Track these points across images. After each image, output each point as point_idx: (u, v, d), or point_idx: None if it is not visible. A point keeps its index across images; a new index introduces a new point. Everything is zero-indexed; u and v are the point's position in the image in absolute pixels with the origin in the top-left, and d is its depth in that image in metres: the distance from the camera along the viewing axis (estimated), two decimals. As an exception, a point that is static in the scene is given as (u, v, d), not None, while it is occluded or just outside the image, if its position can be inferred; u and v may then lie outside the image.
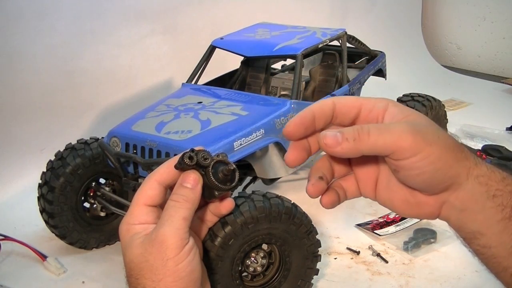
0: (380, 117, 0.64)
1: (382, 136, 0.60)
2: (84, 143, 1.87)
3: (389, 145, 0.59)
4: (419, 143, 0.59)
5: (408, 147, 0.59)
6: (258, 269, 1.49)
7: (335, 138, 0.61)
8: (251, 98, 1.97)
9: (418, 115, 0.63)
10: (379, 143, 0.59)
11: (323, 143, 0.61)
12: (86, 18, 2.63)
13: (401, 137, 0.59)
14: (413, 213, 0.67)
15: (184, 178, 0.70)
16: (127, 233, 0.70)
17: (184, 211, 0.68)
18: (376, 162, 0.68)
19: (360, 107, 0.65)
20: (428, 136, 0.60)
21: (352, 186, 0.71)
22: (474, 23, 4.25)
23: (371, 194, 0.70)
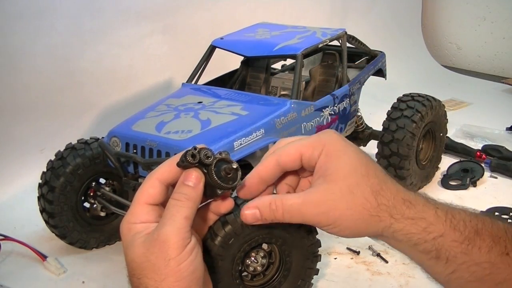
0: (316, 164, 0.71)
1: (293, 218, 0.69)
2: (84, 143, 1.87)
3: (301, 222, 0.69)
4: (323, 221, 0.68)
5: (316, 224, 0.70)
6: (258, 269, 1.49)
7: (254, 216, 0.71)
8: (251, 98, 1.97)
9: (339, 173, 0.69)
10: (292, 221, 0.69)
11: (243, 217, 0.71)
12: (86, 18, 2.62)
13: (308, 220, 0.69)
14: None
15: (186, 176, 0.70)
16: (128, 232, 0.70)
17: (186, 210, 0.68)
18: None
19: (301, 159, 0.72)
20: (334, 213, 0.67)
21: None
22: (474, 23, 4.25)
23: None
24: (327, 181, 0.68)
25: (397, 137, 2.14)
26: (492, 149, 2.65)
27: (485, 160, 2.56)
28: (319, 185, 0.68)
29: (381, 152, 2.19)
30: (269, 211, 0.69)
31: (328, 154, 0.70)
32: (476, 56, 4.28)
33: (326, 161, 0.69)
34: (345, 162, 0.69)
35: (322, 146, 0.70)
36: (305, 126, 1.95)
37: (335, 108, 2.10)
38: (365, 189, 0.68)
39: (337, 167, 0.69)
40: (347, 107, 2.19)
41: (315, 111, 1.99)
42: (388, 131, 2.18)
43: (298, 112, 1.91)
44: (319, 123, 2.02)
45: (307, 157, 0.71)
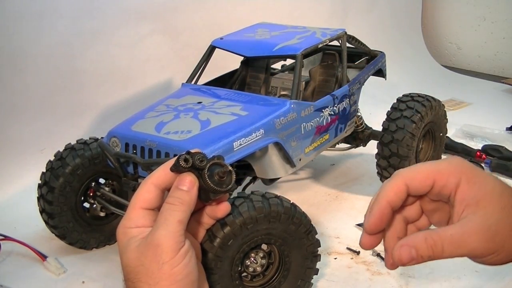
0: (452, 194, 0.65)
1: (456, 251, 0.62)
2: (83, 143, 1.87)
3: (464, 255, 0.63)
4: (490, 248, 0.62)
5: (480, 254, 0.63)
6: (258, 269, 1.49)
7: (410, 255, 0.62)
8: (251, 98, 1.96)
9: (491, 197, 0.64)
10: (453, 256, 0.62)
11: (397, 259, 0.63)
12: (86, 18, 2.62)
13: (474, 249, 0.62)
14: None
15: (180, 181, 0.70)
16: (123, 237, 0.70)
17: (180, 214, 0.68)
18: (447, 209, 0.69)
19: (433, 185, 0.66)
20: (500, 237, 0.62)
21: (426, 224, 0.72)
22: (474, 23, 4.25)
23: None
24: (480, 208, 0.63)
25: (397, 137, 2.14)
26: (492, 149, 2.65)
27: (485, 160, 2.56)
28: (473, 215, 0.63)
29: (381, 152, 2.19)
30: (426, 247, 0.62)
31: (470, 181, 0.65)
32: (476, 56, 4.28)
33: (471, 189, 0.64)
34: (491, 185, 0.65)
35: (460, 173, 0.65)
36: (305, 126, 1.95)
37: (335, 108, 2.10)
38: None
39: (486, 192, 0.64)
40: (347, 107, 2.19)
41: (315, 111, 1.99)
42: (387, 131, 2.18)
43: (298, 112, 1.91)
44: (318, 123, 2.02)
45: (441, 185, 0.65)
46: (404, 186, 0.66)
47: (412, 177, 0.66)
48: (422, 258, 0.62)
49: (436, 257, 0.62)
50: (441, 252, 0.62)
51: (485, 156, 2.59)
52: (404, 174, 0.67)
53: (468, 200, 0.64)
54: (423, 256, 0.62)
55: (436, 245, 0.61)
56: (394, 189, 0.66)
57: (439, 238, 0.62)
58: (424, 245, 0.62)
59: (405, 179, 0.66)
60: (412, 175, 0.67)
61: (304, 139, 1.96)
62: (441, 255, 0.62)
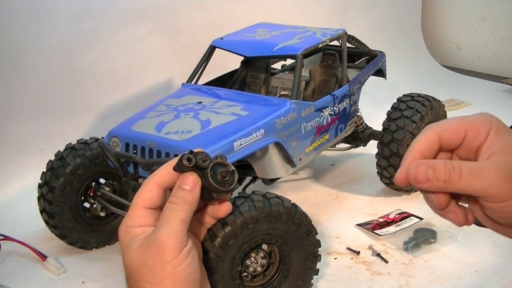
0: (482, 144, 0.64)
1: (473, 182, 0.60)
2: (84, 143, 1.87)
3: (479, 191, 0.60)
4: (510, 190, 0.59)
5: (498, 195, 0.59)
6: (258, 269, 1.49)
7: (426, 174, 0.60)
8: (251, 98, 1.96)
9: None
10: (469, 188, 0.60)
11: (412, 176, 0.61)
12: (86, 18, 2.63)
13: (492, 185, 0.59)
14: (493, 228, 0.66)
15: (183, 180, 0.70)
16: (126, 236, 0.70)
17: (183, 213, 0.68)
18: None
19: (465, 135, 0.64)
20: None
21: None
22: (474, 23, 4.25)
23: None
24: (505, 153, 0.62)
25: (397, 137, 2.14)
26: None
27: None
28: (497, 157, 0.61)
29: (381, 152, 2.19)
30: (444, 170, 0.60)
31: (498, 131, 0.64)
32: (476, 56, 4.28)
33: (499, 138, 0.63)
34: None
35: (490, 124, 0.64)
36: (305, 126, 1.95)
37: (335, 108, 2.10)
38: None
39: (507, 144, 0.62)
40: (347, 107, 2.19)
41: (315, 111, 1.99)
42: (388, 131, 2.18)
43: (298, 112, 1.91)
44: (319, 123, 2.02)
45: (473, 135, 0.64)
46: (437, 137, 0.65)
47: (444, 128, 0.66)
48: (438, 181, 0.60)
49: (452, 183, 0.60)
50: (458, 178, 0.60)
51: None
52: (436, 126, 0.66)
53: (494, 148, 0.63)
54: (439, 179, 0.60)
55: (454, 170, 0.60)
56: (427, 140, 0.65)
57: (458, 165, 0.60)
58: (442, 168, 0.60)
59: (437, 130, 0.65)
60: (444, 126, 0.66)
61: (304, 139, 1.96)
62: (458, 183, 0.60)
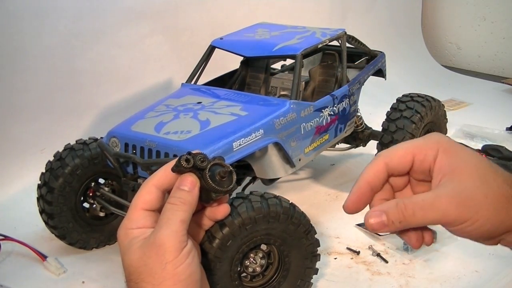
0: (431, 166, 0.65)
1: (427, 215, 0.61)
2: (83, 143, 1.87)
3: (435, 222, 0.61)
4: (463, 214, 0.61)
5: (453, 221, 0.61)
6: (257, 270, 1.49)
7: (381, 221, 0.62)
8: (250, 98, 1.96)
9: (466, 166, 0.63)
10: (425, 222, 0.61)
11: (370, 227, 0.63)
12: (86, 18, 2.63)
13: (445, 215, 0.61)
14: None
15: (181, 181, 0.70)
16: (125, 238, 0.70)
17: (182, 213, 0.68)
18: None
19: (412, 161, 0.66)
20: (473, 202, 0.61)
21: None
22: (474, 23, 4.25)
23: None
24: (456, 175, 0.63)
25: (397, 138, 2.14)
26: (492, 149, 2.65)
27: (485, 160, 2.56)
28: (448, 182, 0.62)
29: (380, 152, 2.19)
30: (397, 212, 0.62)
31: (447, 152, 0.65)
32: (476, 56, 4.28)
33: (448, 159, 0.64)
34: (468, 156, 0.65)
35: (437, 145, 0.65)
36: (305, 126, 1.95)
37: (334, 109, 2.10)
38: (497, 178, 0.63)
39: (462, 161, 0.64)
40: (346, 107, 2.19)
41: (314, 111, 1.99)
42: (387, 132, 2.18)
43: (297, 113, 1.90)
44: (318, 124, 2.02)
45: (421, 159, 0.65)
46: (383, 165, 0.66)
47: (390, 155, 0.67)
48: (393, 224, 0.62)
49: (407, 222, 0.61)
50: (412, 216, 0.61)
51: (485, 156, 2.59)
52: (383, 153, 0.68)
53: (444, 169, 0.64)
54: (394, 222, 0.62)
55: (406, 209, 0.61)
56: (373, 169, 0.67)
57: (410, 203, 0.62)
58: (394, 210, 0.62)
59: (384, 158, 0.67)
60: (391, 153, 0.67)
61: (304, 139, 1.96)
62: (412, 220, 0.61)
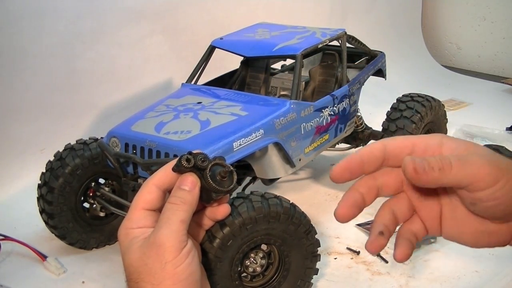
0: (437, 154, 0.63)
1: (464, 167, 0.60)
2: (83, 143, 1.87)
3: (470, 176, 0.59)
4: (497, 172, 0.60)
5: (488, 177, 0.59)
6: (258, 270, 1.50)
7: (422, 166, 0.59)
8: (250, 98, 1.96)
9: (478, 146, 0.63)
10: (460, 174, 0.59)
11: (411, 170, 0.60)
12: (86, 18, 2.63)
13: (481, 168, 0.59)
14: (483, 243, 0.65)
15: (182, 181, 0.70)
16: (126, 238, 0.70)
17: (182, 213, 0.68)
18: (437, 197, 0.67)
19: (412, 147, 0.64)
20: (502, 164, 0.60)
21: (420, 227, 0.69)
22: (474, 23, 4.25)
23: (437, 231, 0.68)
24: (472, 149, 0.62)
25: (397, 137, 2.14)
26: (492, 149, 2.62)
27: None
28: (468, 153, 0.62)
29: (380, 152, 2.19)
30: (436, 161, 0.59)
31: (451, 139, 0.64)
32: (476, 56, 4.28)
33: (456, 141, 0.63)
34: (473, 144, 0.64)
35: (439, 136, 0.64)
36: (305, 126, 1.95)
37: (334, 109, 2.10)
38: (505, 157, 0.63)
39: (471, 144, 0.63)
40: (346, 107, 2.19)
41: (314, 111, 1.99)
42: (387, 132, 2.18)
43: (297, 113, 1.91)
44: (318, 124, 2.02)
45: (422, 147, 0.64)
46: (381, 145, 0.65)
47: (390, 139, 0.66)
48: (433, 171, 0.59)
49: (445, 172, 0.59)
50: (449, 166, 0.59)
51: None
52: (384, 140, 0.66)
53: (458, 149, 0.63)
54: (434, 168, 0.59)
55: (444, 159, 0.59)
56: (370, 146, 0.66)
57: (446, 156, 0.60)
58: (433, 158, 0.60)
59: (383, 141, 0.66)
60: (391, 138, 0.66)
61: (304, 139, 1.96)
62: (450, 170, 0.59)
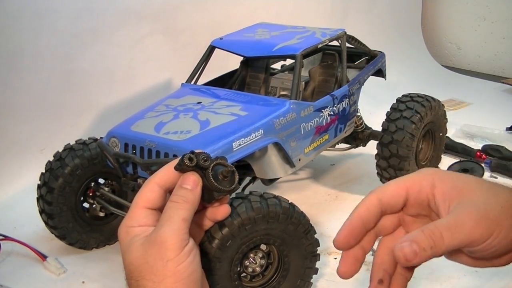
0: (430, 196, 0.64)
1: (455, 236, 0.59)
2: (82, 143, 1.87)
3: (463, 242, 0.60)
4: (488, 227, 0.60)
5: (480, 237, 0.59)
6: (257, 270, 1.50)
7: (412, 250, 0.58)
8: (250, 98, 1.96)
9: (470, 186, 0.63)
10: (452, 244, 0.59)
11: (403, 260, 0.59)
12: (86, 18, 2.62)
13: (471, 232, 0.59)
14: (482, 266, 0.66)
15: (184, 180, 0.70)
16: (126, 236, 0.70)
17: (184, 212, 0.68)
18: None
19: (406, 194, 0.64)
20: (493, 214, 0.60)
21: None
22: (474, 23, 4.25)
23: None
24: (465, 195, 0.62)
25: (397, 138, 2.14)
26: (492, 149, 2.65)
27: (485, 160, 2.56)
28: (460, 204, 0.61)
29: (380, 153, 2.19)
30: (425, 237, 0.58)
31: (444, 179, 0.64)
32: (476, 56, 4.28)
33: (448, 184, 0.63)
34: (466, 178, 0.64)
35: (431, 176, 0.64)
36: (304, 126, 1.95)
37: (334, 109, 2.10)
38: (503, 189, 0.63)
39: (464, 183, 0.63)
40: (346, 108, 2.19)
41: (314, 111, 1.99)
42: (387, 132, 2.17)
43: (297, 113, 1.91)
44: (318, 124, 2.02)
45: (415, 191, 0.64)
46: (376, 200, 0.65)
47: (383, 190, 0.66)
48: (425, 251, 0.59)
49: (437, 247, 0.59)
50: (441, 239, 0.59)
51: (485, 156, 2.59)
52: (376, 190, 0.66)
53: (450, 194, 0.63)
54: (425, 248, 0.59)
55: (434, 233, 0.59)
56: (366, 204, 0.66)
57: (435, 227, 0.60)
58: (423, 236, 0.59)
59: (377, 193, 0.66)
60: (383, 188, 0.66)
61: (304, 139, 1.96)
62: (442, 244, 0.59)
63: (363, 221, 0.66)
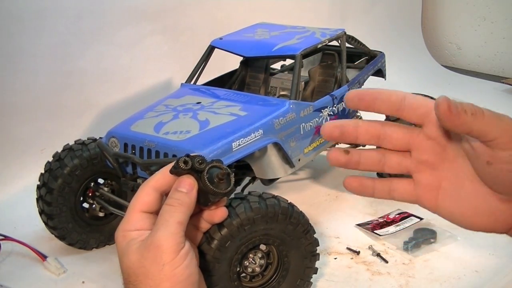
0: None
1: (495, 120, 0.57)
2: (81, 143, 1.87)
3: (499, 130, 0.57)
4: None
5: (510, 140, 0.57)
6: (257, 270, 1.50)
7: (455, 107, 0.55)
8: (250, 99, 1.97)
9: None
10: (491, 124, 0.57)
11: (445, 108, 0.55)
12: (86, 18, 2.63)
13: (509, 128, 0.57)
14: (480, 224, 0.62)
15: (179, 183, 0.70)
16: (123, 240, 0.70)
17: (179, 215, 0.68)
18: (443, 166, 0.63)
19: (431, 109, 0.61)
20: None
21: (405, 188, 0.65)
22: (474, 23, 4.25)
23: (430, 203, 0.64)
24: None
25: (396, 137, 2.14)
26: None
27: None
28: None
29: (380, 152, 2.19)
30: (468, 104, 0.56)
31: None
32: (476, 56, 4.28)
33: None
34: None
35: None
36: (304, 126, 1.95)
37: (334, 109, 2.10)
38: None
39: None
40: (346, 108, 2.19)
41: (314, 111, 1.99)
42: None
43: (297, 113, 1.91)
44: (318, 124, 2.02)
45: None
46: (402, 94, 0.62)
47: (412, 94, 0.63)
48: (466, 114, 0.55)
49: (478, 119, 0.56)
50: (482, 114, 0.56)
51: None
52: (406, 93, 0.64)
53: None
54: (467, 111, 0.55)
55: (477, 107, 0.57)
56: (390, 90, 0.63)
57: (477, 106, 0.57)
58: (466, 103, 0.56)
59: (405, 92, 0.63)
60: (413, 94, 0.64)
61: (303, 139, 1.96)
62: (482, 119, 0.56)
63: (377, 95, 0.62)
